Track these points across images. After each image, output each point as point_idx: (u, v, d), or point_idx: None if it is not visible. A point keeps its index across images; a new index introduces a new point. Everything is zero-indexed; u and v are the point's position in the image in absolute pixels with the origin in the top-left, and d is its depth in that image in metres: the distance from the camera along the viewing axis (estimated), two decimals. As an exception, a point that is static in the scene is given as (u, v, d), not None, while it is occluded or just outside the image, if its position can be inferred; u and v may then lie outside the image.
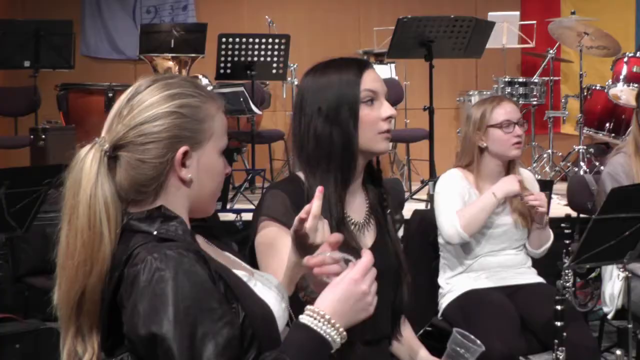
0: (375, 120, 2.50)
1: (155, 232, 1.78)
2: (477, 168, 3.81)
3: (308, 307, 1.78)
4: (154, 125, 1.81)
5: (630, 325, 3.30)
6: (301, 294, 2.10)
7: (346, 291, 1.77)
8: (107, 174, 1.80)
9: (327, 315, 1.75)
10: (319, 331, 1.74)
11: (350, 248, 2.24)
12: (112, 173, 1.81)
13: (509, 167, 3.84)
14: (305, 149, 2.50)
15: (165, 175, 1.83)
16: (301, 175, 2.55)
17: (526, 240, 3.86)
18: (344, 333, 1.77)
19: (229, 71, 7.27)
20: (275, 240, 2.39)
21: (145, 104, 1.83)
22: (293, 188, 2.51)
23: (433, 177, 6.25)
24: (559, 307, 3.21)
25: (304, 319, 1.76)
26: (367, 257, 1.81)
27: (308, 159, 2.51)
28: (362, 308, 1.78)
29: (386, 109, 2.52)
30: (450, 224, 3.67)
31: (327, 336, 1.74)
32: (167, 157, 1.82)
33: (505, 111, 3.76)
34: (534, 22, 8.98)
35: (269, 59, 7.32)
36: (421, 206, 6.38)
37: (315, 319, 1.75)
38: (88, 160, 1.79)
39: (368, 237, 2.59)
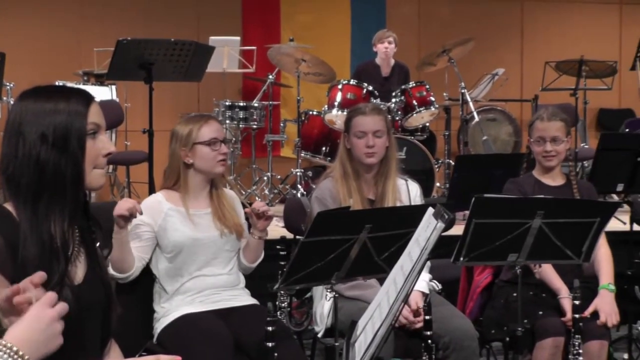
0: (96, 154, 2.44)
1: None
2: (183, 185, 3.88)
3: None
4: None
5: (337, 343, 3.43)
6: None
7: (35, 317, 1.77)
8: None
9: (14, 347, 1.71)
10: None
11: None
12: None
13: (213, 182, 3.94)
14: (25, 177, 2.34)
15: None
16: (10, 207, 2.40)
17: (239, 253, 3.96)
18: None
19: (-63, 89, 6.93)
20: None
21: None
22: (4, 225, 2.33)
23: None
24: (269, 328, 3.30)
25: None
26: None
27: (27, 189, 2.34)
28: (52, 334, 1.78)
29: (108, 145, 2.48)
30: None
31: None
32: None
33: (211, 129, 3.88)
34: (255, 47, 9.18)
35: (-18, 77, 7.04)
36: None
37: (5, 353, 1.71)
38: None
39: (79, 270, 2.49)
